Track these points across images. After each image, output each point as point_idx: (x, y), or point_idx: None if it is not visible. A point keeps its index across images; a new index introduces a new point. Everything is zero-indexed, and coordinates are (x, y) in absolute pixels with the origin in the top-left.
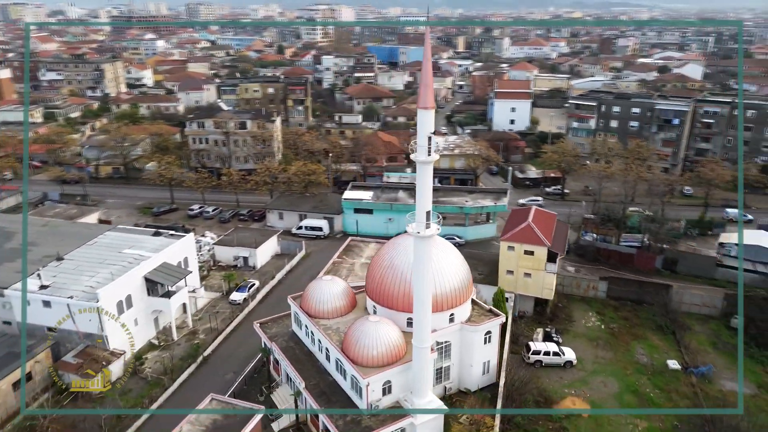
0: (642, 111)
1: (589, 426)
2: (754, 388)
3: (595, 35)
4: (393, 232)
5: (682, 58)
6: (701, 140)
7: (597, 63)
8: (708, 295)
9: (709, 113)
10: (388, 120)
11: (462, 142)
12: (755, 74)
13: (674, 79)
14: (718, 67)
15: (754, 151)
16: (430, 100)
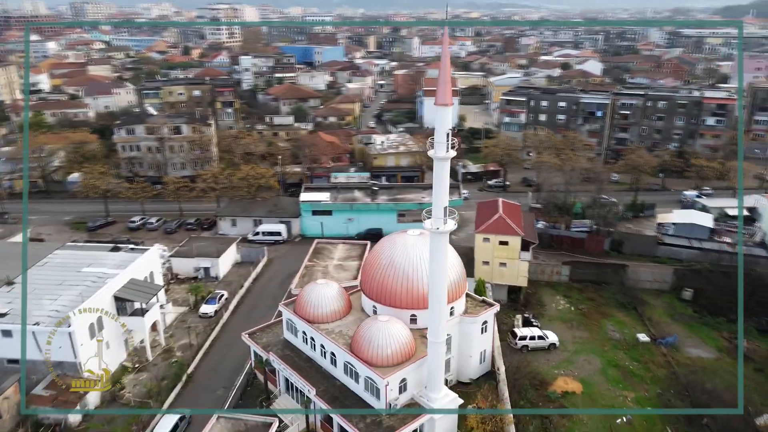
0: (568, 105)
1: (584, 401)
2: (715, 352)
3: (497, 34)
4: (353, 232)
5: (579, 55)
6: (620, 130)
7: (505, 61)
8: (659, 272)
9: (626, 105)
10: (319, 120)
11: (403, 139)
12: (645, 69)
13: (577, 75)
14: (612, 63)
15: (666, 139)
16: (449, 97)
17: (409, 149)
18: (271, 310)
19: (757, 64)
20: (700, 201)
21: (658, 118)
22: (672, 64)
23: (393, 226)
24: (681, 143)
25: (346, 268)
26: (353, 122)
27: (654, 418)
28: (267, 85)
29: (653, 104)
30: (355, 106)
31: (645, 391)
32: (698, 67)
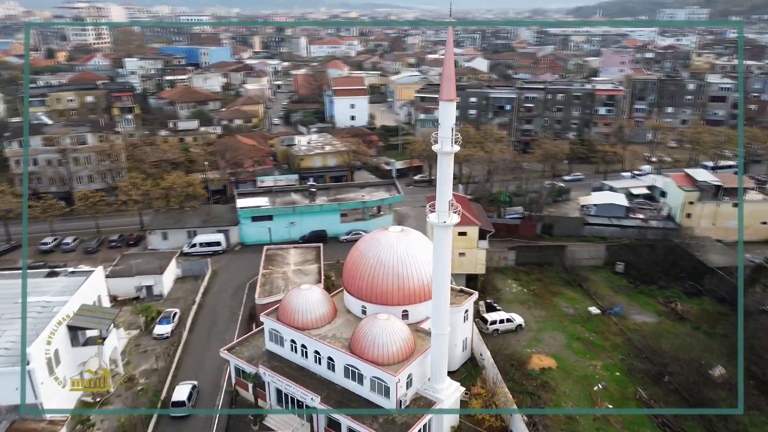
0: (478, 100)
1: (561, 374)
2: (655, 317)
3: (380, 33)
4: (296, 235)
5: (464, 53)
6: (525, 122)
7: (396, 60)
8: (593, 249)
9: (529, 99)
10: (224, 123)
11: (326, 140)
12: (526, 65)
13: (467, 72)
14: (493, 60)
15: (565, 129)
16: (453, 93)
17: (336, 149)
18: (231, 323)
19: (621, 59)
20: (608, 183)
21: (557, 109)
22: (548, 60)
23: (337, 227)
24: (578, 132)
25: (306, 272)
26: (260, 124)
27: (624, 381)
28: (158, 89)
29: (553, 97)
30: (258, 108)
31: (609, 358)
32: (570, 62)
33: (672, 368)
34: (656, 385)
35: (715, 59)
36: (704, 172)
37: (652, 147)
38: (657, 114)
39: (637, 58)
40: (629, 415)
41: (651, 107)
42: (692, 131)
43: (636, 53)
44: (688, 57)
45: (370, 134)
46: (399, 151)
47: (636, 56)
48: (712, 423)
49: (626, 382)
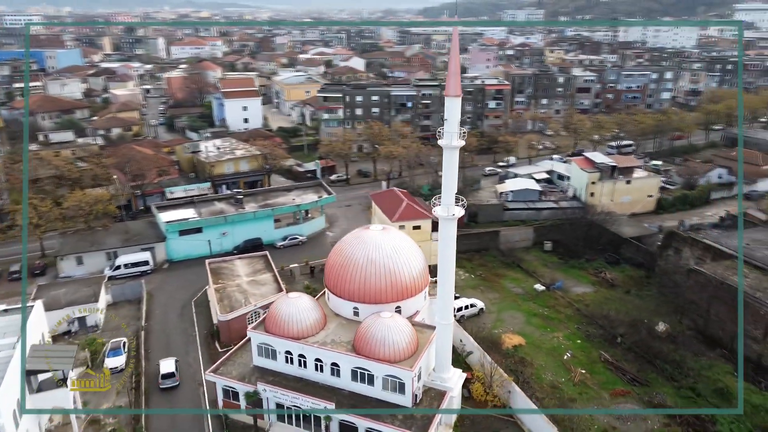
0: (381, 98)
1: (532, 349)
2: (590, 287)
3: (242, 33)
4: (228, 246)
5: (337, 53)
6: (424, 118)
7: (270, 60)
8: (522, 232)
9: (426, 95)
10: (100, 133)
11: (231, 144)
12: (398, 63)
13: (346, 72)
14: (368, 59)
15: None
16: (458, 89)
17: (250, 153)
18: (189, 345)
19: (487, 56)
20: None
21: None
22: (419, 59)
23: (272, 234)
24: (473, 125)
25: (262, 282)
26: (142, 132)
27: (586, 347)
28: (8, 98)
29: None
30: (135, 115)
31: (567, 329)
32: (438, 60)
33: (622, 330)
34: (613, 346)
35: (564, 55)
36: (600, 154)
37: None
38: (534, 105)
39: (500, 55)
40: (603, 376)
41: (529, 99)
42: (576, 119)
43: (499, 51)
44: (542, 53)
45: (272, 137)
46: (305, 152)
47: (499, 53)
48: (672, 375)
49: (588, 348)
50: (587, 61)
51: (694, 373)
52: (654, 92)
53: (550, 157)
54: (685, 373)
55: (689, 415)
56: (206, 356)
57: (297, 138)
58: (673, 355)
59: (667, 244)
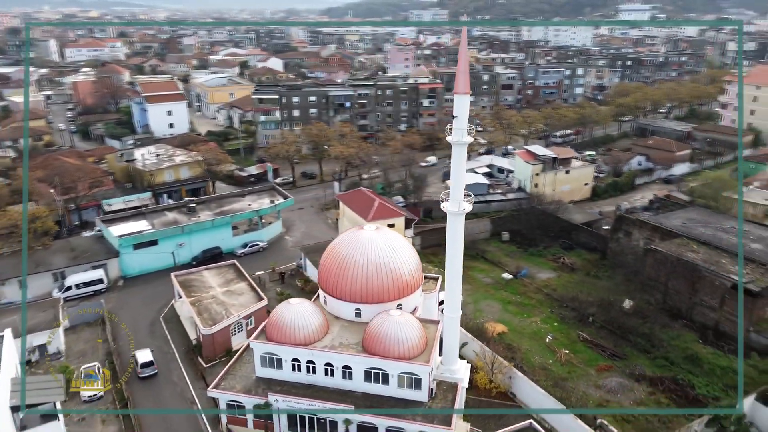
0: (318, 99)
1: (515, 335)
2: (552, 272)
3: (142, 34)
4: (186, 258)
5: (249, 54)
6: (361, 117)
7: (180, 62)
8: (481, 224)
9: (362, 95)
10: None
11: (167, 151)
12: (316, 64)
13: (265, 72)
14: (283, 60)
15: (396, 121)
16: (467, 86)
17: (192, 159)
18: (171, 363)
19: (405, 55)
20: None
21: (387, 104)
22: (337, 59)
23: (230, 242)
24: (408, 123)
25: (238, 291)
26: (53, 141)
27: (564, 328)
28: None
29: (382, 92)
30: (41, 123)
31: (541, 313)
32: (356, 60)
33: (592, 310)
34: (587, 326)
35: (477, 53)
36: (541, 147)
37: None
38: None
39: (418, 55)
40: (585, 354)
41: None
42: (508, 115)
43: (416, 50)
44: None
45: (205, 141)
46: (242, 156)
47: (417, 53)
48: (645, 348)
49: (566, 329)
50: (499, 59)
51: (664, 343)
52: (568, 87)
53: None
54: (656, 344)
55: (670, 381)
56: (191, 373)
57: (229, 142)
58: (643, 328)
59: (618, 228)
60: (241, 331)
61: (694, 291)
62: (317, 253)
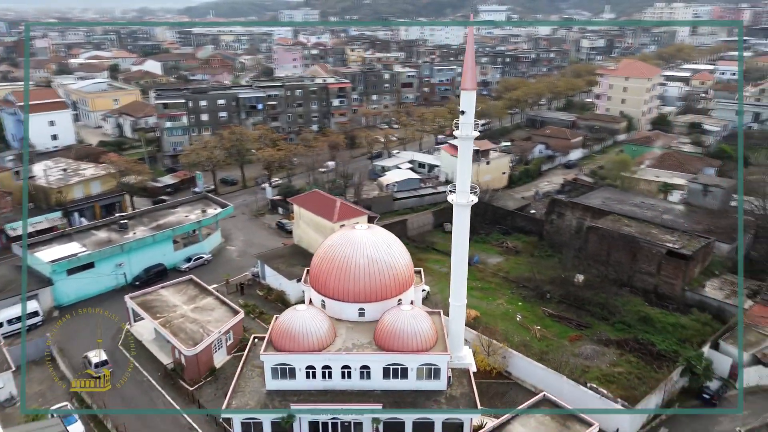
0: (227, 101)
1: (489, 318)
2: (499, 257)
3: None
4: (127, 278)
5: (117, 56)
6: (272, 119)
7: (40, 67)
8: (424, 218)
9: (272, 96)
10: None
11: (68, 165)
12: (195, 66)
13: (143, 76)
14: (170, 61)
15: (308, 122)
16: (474, 83)
17: (104, 172)
18: (150, 392)
19: (293, 56)
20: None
21: (297, 104)
22: (218, 60)
23: (173, 257)
24: (319, 124)
25: (209, 307)
26: None
27: (528, 307)
28: None
29: (292, 93)
30: None
31: (504, 295)
32: (237, 61)
33: (548, 287)
34: (547, 302)
35: (363, 52)
36: None
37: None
38: (366, 101)
39: (305, 55)
40: (554, 328)
41: (361, 96)
42: (419, 112)
43: (304, 50)
44: (344, 52)
45: (104, 151)
46: (148, 166)
47: (304, 53)
48: (603, 315)
49: (530, 307)
50: (384, 58)
51: (619, 309)
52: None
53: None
54: (612, 311)
55: (633, 342)
56: (179, 399)
57: (126, 152)
58: (597, 298)
59: (551, 210)
60: (221, 347)
61: (634, 260)
62: (277, 259)
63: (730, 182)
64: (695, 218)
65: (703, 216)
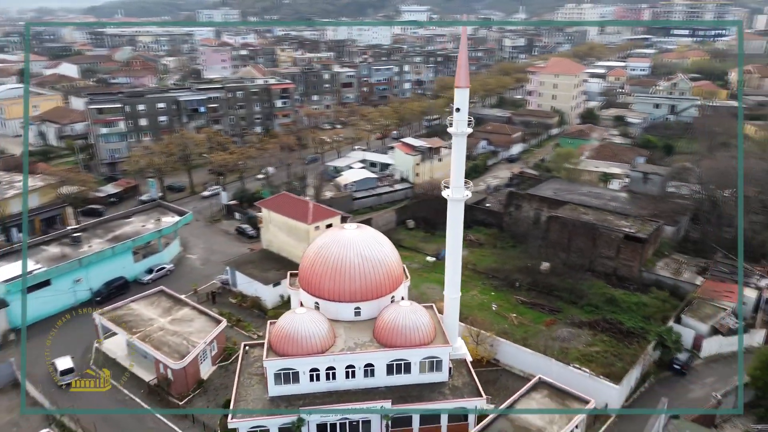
0: (167, 105)
1: (466, 310)
2: (466, 249)
3: None
4: (86, 295)
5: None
6: (213, 122)
7: None
8: (388, 216)
9: (213, 99)
10: None
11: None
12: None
13: (60, 80)
14: (86, 63)
15: (251, 124)
16: (467, 80)
17: (44, 183)
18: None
19: (221, 57)
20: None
21: (239, 106)
22: (140, 62)
23: (133, 268)
24: (263, 126)
25: (187, 318)
26: None
27: (501, 296)
28: None
29: (233, 95)
30: None
31: (476, 287)
32: (159, 62)
33: (515, 276)
34: (517, 290)
35: (294, 52)
36: (414, 139)
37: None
38: (307, 102)
39: (234, 56)
40: (529, 314)
41: (302, 97)
42: (366, 111)
43: (232, 51)
44: (274, 52)
45: (35, 161)
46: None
47: (233, 54)
48: (571, 299)
49: (503, 297)
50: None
51: (585, 292)
52: (398, 83)
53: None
54: (579, 294)
55: (604, 322)
56: (170, 416)
57: (53, 161)
58: (564, 284)
59: (509, 203)
60: (206, 358)
61: (594, 246)
62: (248, 265)
63: (667, 170)
64: (639, 204)
65: (646, 202)
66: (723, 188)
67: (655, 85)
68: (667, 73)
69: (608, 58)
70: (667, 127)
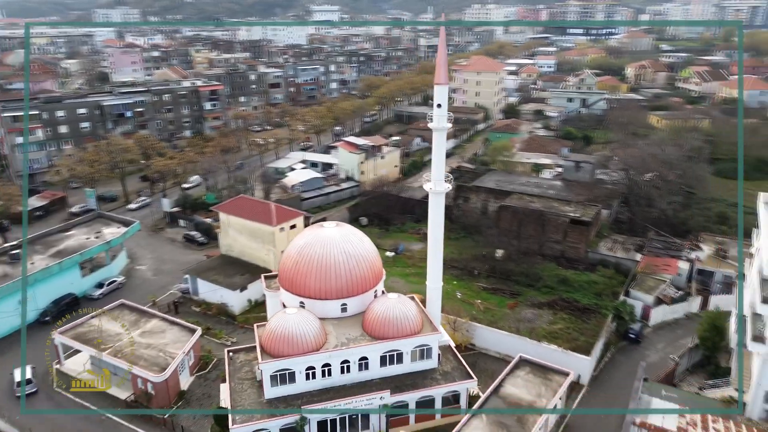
0: (90, 110)
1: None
2: (420, 243)
3: None
4: (32, 315)
5: None
6: (140, 127)
7: None
8: (339, 214)
9: (138, 102)
10: None
11: None
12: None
13: None
14: None
15: (180, 127)
16: (446, 77)
17: None
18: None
19: (132, 59)
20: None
21: (167, 110)
22: (39, 66)
23: (81, 284)
24: (192, 129)
25: (158, 329)
26: None
27: (463, 284)
28: None
29: (159, 98)
30: None
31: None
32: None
33: (473, 264)
34: (476, 278)
35: (209, 53)
36: (356, 138)
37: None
38: (234, 103)
39: (146, 57)
40: (492, 300)
41: (228, 98)
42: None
43: (143, 52)
44: (188, 53)
45: None
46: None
47: (144, 55)
48: (528, 282)
49: (465, 285)
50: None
51: (540, 275)
52: (325, 83)
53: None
54: (534, 277)
55: (561, 301)
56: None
57: None
58: (518, 269)
59: (457, 196)
60: (184, 369)
61: (543, 231)
62: (209, 272)
63: (596, 158)
64: (575, 191)
65: (580, 188)
66: (643, 173)
67: (564, 80)
68: (571, 70)
69: (516, 56)
70: (581, 119)
